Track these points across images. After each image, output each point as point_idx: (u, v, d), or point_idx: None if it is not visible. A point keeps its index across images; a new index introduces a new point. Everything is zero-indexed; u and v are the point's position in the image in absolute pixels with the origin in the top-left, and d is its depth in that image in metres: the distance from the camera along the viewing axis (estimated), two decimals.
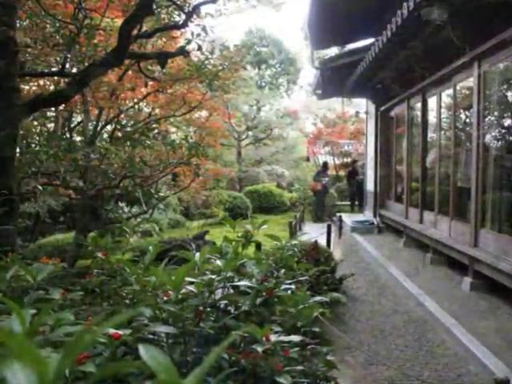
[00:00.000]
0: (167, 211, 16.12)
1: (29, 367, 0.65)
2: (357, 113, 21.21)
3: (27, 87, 8.63)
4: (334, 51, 19.48)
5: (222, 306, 2.79)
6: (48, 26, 6.52)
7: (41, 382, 0.66)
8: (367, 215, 17.27)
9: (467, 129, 9.51)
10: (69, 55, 6.21)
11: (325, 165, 21.31)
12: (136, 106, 10.82)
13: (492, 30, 7.70)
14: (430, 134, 11.74)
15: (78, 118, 11.23)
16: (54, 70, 7.40)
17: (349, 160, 26.16)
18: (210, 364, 0.73)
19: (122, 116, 9.58)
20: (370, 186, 17.19)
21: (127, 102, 10.04)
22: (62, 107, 8.85)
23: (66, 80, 6.45)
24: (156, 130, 7.31)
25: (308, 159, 31.91)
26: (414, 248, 11.89)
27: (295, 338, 2.44)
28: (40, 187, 6.04)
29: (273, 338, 2.32)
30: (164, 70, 7.86)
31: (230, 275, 2.72)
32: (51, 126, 10.73)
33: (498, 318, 6.74)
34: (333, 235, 11.53)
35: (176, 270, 2.40)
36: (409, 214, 12.70)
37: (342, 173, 27.15)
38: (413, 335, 6.43)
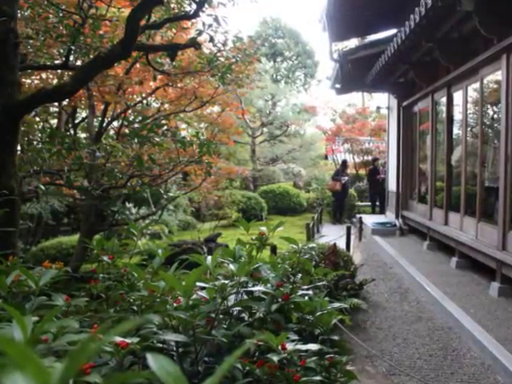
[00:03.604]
0: (177, 212, 16.15)
1: (30, 377, 0.65)
2: (378, 108, 21.11)
3: (29, 81, 8.67)
4: (353, 43, 19.45)
5: (235, 312, 2.80)
6: (51, 16, 6.53)
7: None
8: (389, 216, 17.22)
9: (495, 125, 9.45)
10: (73, 47, 6.21)
11: (344, 163, 21.25)
12: (144, 101, 10.84)
13: None
14: (456, 131, 11.67)
15: (82, 114, 11.28)
16: (57, 62, 7.41)
17: (369, 158, 26.04)
18: (223, 374, 0.72)
19: (130, 111, 9.60)
20: (391, 185, 17.14)
21: (135, 96, 10.05)
22: (65, 102, 8.88)
23: (70, 73, 6.47)
24: (165, 127, 7.30)
25: (326, 157, 31.93)
26: (438, 251, 11.85)
27: (313, 346, 2.43)
28: (42, 187, 6.05)
29: (289, 346, 2.31)
30: (174, 63, 7.86)
31: (244, 280, 2.72)
32: (54, 122, 10.78)
33: None
34: (352, 238, 11.54)
35: (186, 275, 2.40)
36: (433, 216, 12.63)
37: (362, 172, 27.13)
38: (437, 343, 6.41)
